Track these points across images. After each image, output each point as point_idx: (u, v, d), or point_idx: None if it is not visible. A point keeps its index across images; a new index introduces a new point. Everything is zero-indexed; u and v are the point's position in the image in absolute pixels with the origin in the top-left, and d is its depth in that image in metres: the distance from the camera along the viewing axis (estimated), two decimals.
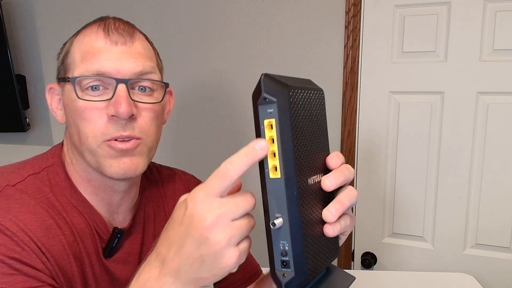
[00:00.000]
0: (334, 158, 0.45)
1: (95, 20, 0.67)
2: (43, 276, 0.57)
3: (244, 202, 0.40)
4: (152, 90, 0.66)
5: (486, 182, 1.27)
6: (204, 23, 1.52)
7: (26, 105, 1.78)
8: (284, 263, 0.40)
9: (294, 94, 0.40)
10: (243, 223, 0.40)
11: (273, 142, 0.39)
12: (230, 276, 0.44)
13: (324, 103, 0.47)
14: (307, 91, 0.43)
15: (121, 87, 0.61)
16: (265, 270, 0.84)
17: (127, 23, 0.68)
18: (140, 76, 0.63)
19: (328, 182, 0.43)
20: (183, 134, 1.60)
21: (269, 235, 0.41)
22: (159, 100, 0.66)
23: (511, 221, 1.27)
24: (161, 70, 0.71)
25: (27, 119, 1.78)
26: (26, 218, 0.58)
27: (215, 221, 0.39)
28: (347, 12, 1.33)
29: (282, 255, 0.40)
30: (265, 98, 0.39)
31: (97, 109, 0.61)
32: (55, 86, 0.69)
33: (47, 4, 1.71)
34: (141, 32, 0.69)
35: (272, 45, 1.45)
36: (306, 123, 0.42)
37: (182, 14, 1.55)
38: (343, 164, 0.45)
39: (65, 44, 0.68)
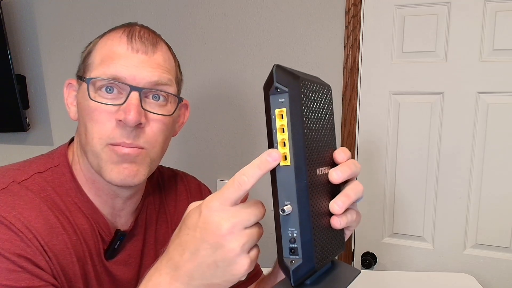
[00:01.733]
0: (341, 153, 0.46)
1: (122, 24, 0.68)
2: (45, 275, 0.57)
3: (256, 211, 0.42)
4: (166, 100, 0.66)
5: (486, 182, 1.27)
6: (204, 24, 1.52)
7: (26, 105, 1.78)
8: (292, 250, 0.41)
9: (305, 85, 0.41)
10: (254, 231, 0.42)
11: (283, 131, 0.40)
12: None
13: (331, 99, 0.48)
14: (317, 85, 0.44)
15: (134, 95, 0.61)
16: (266, 270, 0.84)
17: (153, 32, 0.68)
18: (155, 86, 0.63)
19: (335, 175, 0.44)
20: (183, 134, 1.60)
21: (278, 223, 0.42)
22: (171, 113, 0.66)
23: (511, 221, 1.27)
24: (179, 83, 0.71)
25: (27, 119, 1.78)
26: (30, 215, 0.59)
27: (230, 229, 0.40)
28: (347, 12, 1.33)
29: (290, 242, 0.41)
30: (276, 88, 0.40)
31: (107, 112, 0.61)
32: (74, 81, 0.69)
33: (47, 4, 1.71)
34: (165, 43, 0.69)
35: (272, 45, 1.45)
36: (315, 115, 0.43)
37: (181, 14, 1.55)
38: (349, 159, 0.46)
39: (90, 43, 0.69)
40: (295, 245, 0.41)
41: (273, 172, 0.41)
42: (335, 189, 0.46)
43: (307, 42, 1.40)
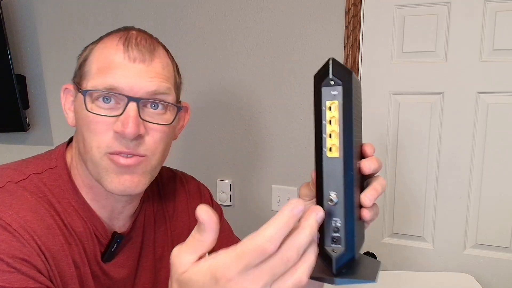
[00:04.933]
0: (369, 147, 0.49)
1: (119, 29, 0.66)
2: (40, 277, 0.57)
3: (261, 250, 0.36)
4: (165, 109, 0.64)
5: (486, 182, 1.27)
6: (205, 25, 1.52)
7: (26, 105, 1.78)
8: (335, 239, 0.43)
9: (354, 80, 0.43)
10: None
11: (330, 123, 0.42)
12: None
13: (361, 94, 0.50)
14: (358, 80, 0.46)
15: (132, 106, 0.59)
16: None
17: (150, 37, 0.66)
18: (153, 96, 0.62)
19: (368, 165, 0.46)
20: (183, 134, 1.60)
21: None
22: (170, 122, 0.64)
23: (511, 221, 1.27)
24: (178, 88, 0.70)
25: (27, 119, 1.78)
26: (27, 215, 0.58)
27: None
28: (347, 12, 1.33)
29: (334, 231, 0.43)
30: (331, 80, 0.42)
31: (105, 123, 0.60)
32: (70, 86, 0.68)
33: (47, 4, 1.71)
34: (164, 48, 0.68)
35: (272, 45, 1.45)
36: (357, 109, 0.45)
37: (182, 16, 1.55)
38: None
39: (85, 48, 0.67)
40: (338, 235, 0.42)
41: (319, 163, 0.43)
42: (362, 182, 0.48)
43: (307, 42, 1.40)
